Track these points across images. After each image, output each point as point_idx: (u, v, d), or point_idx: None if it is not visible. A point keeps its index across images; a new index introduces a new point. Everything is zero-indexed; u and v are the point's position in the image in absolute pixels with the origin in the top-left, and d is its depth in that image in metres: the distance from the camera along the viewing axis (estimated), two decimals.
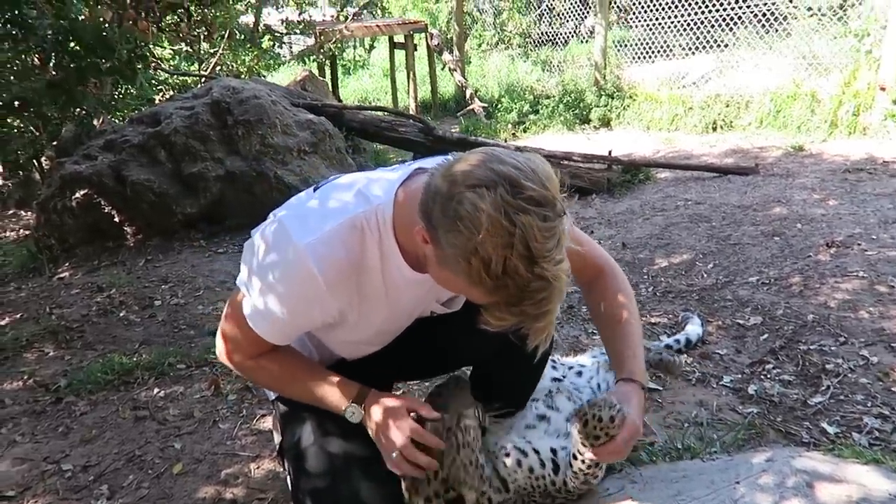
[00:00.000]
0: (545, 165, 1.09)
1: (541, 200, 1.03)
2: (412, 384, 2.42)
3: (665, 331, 2.74)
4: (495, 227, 1.01)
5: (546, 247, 1.03)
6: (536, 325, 1.12)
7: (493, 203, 1.01)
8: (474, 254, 1.03)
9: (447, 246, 1.08)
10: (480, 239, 1.01)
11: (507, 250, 1.01)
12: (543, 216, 1.03)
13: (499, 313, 1.10)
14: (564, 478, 1.54)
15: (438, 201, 1.08)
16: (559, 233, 1.05)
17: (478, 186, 1.03)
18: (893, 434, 1.90)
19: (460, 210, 1.04)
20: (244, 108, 4.76)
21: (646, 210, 4.61)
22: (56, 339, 3.14)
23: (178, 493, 1.94)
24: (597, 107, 7.78)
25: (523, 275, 1.03)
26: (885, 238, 3.37)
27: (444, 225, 1.07)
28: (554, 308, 1.11)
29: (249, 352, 1.44)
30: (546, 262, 1.03)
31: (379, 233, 1.29)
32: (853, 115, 5.81)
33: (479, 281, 1.06)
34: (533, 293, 1.05)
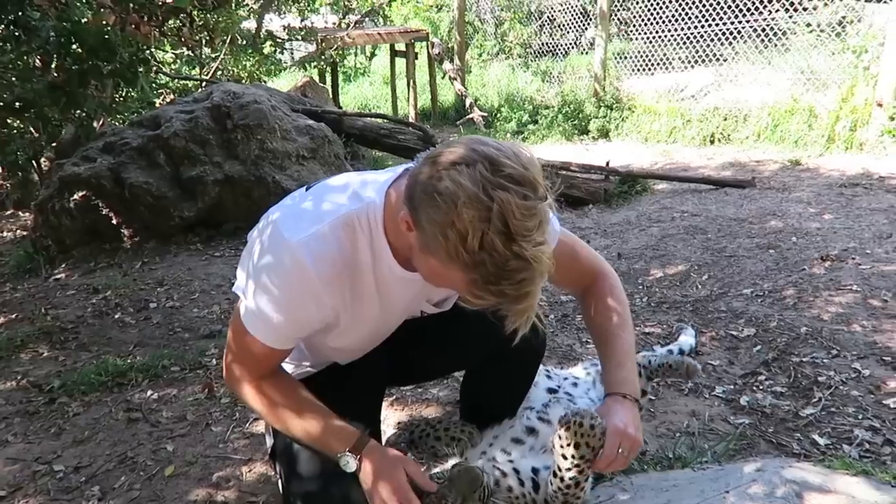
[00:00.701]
0: (528, 152, 1.11)
1: (520, 180, 1.04)
2: (405, 390, 2.42)
3: (659, 341, 2.75)
4: (472, 200, 1.02)
5: (525, 225, 1.03)
6: (516, 306, 1.12)
7: (471, 178, 1.03)
8: (451, 227, 1.04)
9: (426, 223, 1.09)
10: (458, 212, 1.03)
11: (484, 224, 1.02)
12: (523, 195, 1.03)
13: (477, 291, 1.10)
14: (545, 496, 1.51)
15: (420, 181, 1.10)
16: (540, 215, 1.06)
17: (458, 164, 1.06)
18: (884, 447, 1.91)
19: (439, 186, 1.05)
20: (244, 112, 4.77)
21: (642, 221, 4.63)
22: (50, 340, 3.14)
23: (170, 496, 1.94)
24: (596, 118, 7.82)
25: (501, 251, 1.03)
26: (880, 253, 3.38)
27: (424, 202, 1.08)
28: (534, 290, 1.10)
29: (251, 367, 1.41)
30: (525, 241, 1.03)
31: (370, 232, 1.30)
32: (850, 131, 5.85)
33: (456, 256, 1.06)
34: (512, 272, 1.05)
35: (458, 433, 1.89)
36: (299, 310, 1.32)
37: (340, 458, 1.36)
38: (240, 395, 1.46)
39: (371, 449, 1.38)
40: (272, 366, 1.45)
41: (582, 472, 1.45)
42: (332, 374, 1.65)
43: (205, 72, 7.77)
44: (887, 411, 2.07)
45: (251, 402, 1.44)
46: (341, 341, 1.52)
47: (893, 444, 1.91)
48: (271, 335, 1.35)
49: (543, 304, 3.24)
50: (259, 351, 1.37)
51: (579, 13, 8.98)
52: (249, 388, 1.42)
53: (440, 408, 2.32)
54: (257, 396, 1.42)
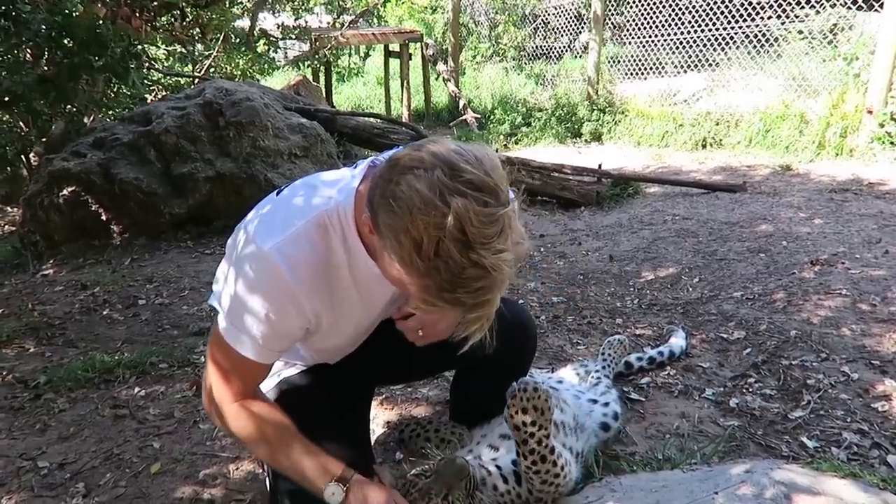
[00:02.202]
0: (492, 156, 1.07)
1: (480, 185, 1.01)
2: (395, 389, 2.41)
3: (649, 342, 2.75)
4: (427, 206, 0.99)
5: (484, 232, 0.99)
6: (470, 315, 1.08)
7: (427, 183, 1.00)
8: (405, 233, 1.01)
9: (384, 228, 1.05)
10: (412, 218, 0.99)
11: (439, 231, 0.98)
12: (483, 201, 1.00)
13: (429, 297, 1.05)
14: (528, 487, 1.51)
15: (379, 185, 1.08)
16: (502, 221, 1.02)
17: (416, 168, 1.02)
18: (872, 449, 1.91)
19: (396, 191, 1.02)
20: (236, 109, 4.76)
21: (634, 224, 4.64)
22: (37, 336, 3.11)
23: (156, 493, 1.92)
24: (588, 121, 7.84)
25: (457, 259, 0.99)
26: (869, 257, 3.40)
27: (381, 206, 1.05)
28: (493, 299, 1.07)
29: (234, 386, 1.35)
30: (483, 250, 1.00)
31: (342, 229, 1.28)
32: (840, 137, 5.88)
33: (410, 262, 1.02)
34: (468, 281, 1.02)
35: (447, 435, 1.90)
36: (280, 318, 1.28)
37: (327, 488, 1.30)
38: (221, 419, 1.38)
39: (359, 479, 1.34)
40: (255, 382, 1.42)
41: (541, 443, 1.45)
42: (321, 374, 1.64)
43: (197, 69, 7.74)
44: (875, 414, 2.08)
45: (234, 424, 1.36)
46: (326, 342, 1.51)
47: (881, 447, 1.91)
48: (254, 347, 1.30)
49: (534, 306, 3.23)
50: (242, 366, 1.33)
51: (573, 17, 9.01)
52: (232, 409, 1.36)
53: (430, 407, 2.31)
54: (239, 418, 1.36)
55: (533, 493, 1.52)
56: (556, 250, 4.24)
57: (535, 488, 1.51)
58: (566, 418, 1.78)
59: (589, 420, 1.93)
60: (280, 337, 1.32)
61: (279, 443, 1.35)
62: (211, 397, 1.38)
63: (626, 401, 2.24)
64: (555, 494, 1.54)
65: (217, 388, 1.36)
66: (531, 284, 3.56)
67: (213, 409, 1.39)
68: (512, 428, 1.47)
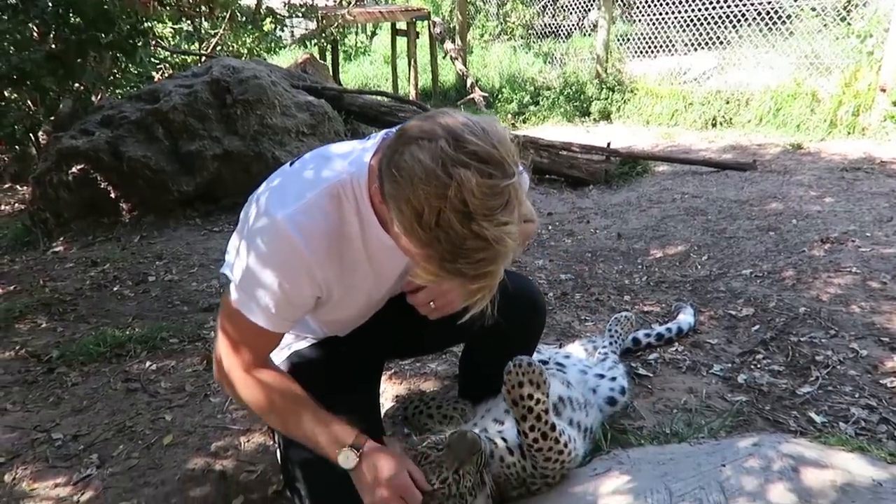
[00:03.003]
0: (501, 129, 1.06)
1: (485, 157, 1.00)
2: (404, 363, 2.42)
3: (658, 319, 2.75)
4: (429, 176, 0.98)
5: (486, 204, 0.99)
6: (471, 286, 1.08)
7: (431, 154, 1.00)
8: (407, 202, 1.01)
9: (388, 198, 1.06)
10: (413, 188, 0.99)
11: (440, 202, 0.98)
12: (488, 173, 0.99)
13: (431, 267, 1.05)
14: (532, 463, 1.51)
15: (386, 155, 1.08)
16: (507, 194, 1.01)
17: (421, 139, 1.02)
18: (880, 424, 1.91)
19: (399, 161, 1.03)
20: (244, 87, 4.74)
21: (642, 202, 4.62)
22: (49, 312, 3.14)
23: (168, 464, 1.95)
24: (597, 100, 7.78)
25: (458, 230, 0.99)
26: (880, 236, 3.38)
27: (387, 176, 1.06)
28: (495, 271, 1.06)
29: (244, 355, 1.36)
30: (486, 221, 0.99)
31: (355, 200, 1.28)
32: (853, 115, 5.82)
33: (411, 230, 1.02)
34: (470, 252, 1.01)
35: (450, 411, 1.90)
36: (293, 286, 1.28)
37: (340, 454, 1.31)
38: (232, 388, 1.39)
39: (373, 446, 1.35)
40: (266, 352, 1.42)
41: (540, 419, 1.45)
42: (331, 347, 1.64)
43: (203, 47, 7.70)
44: (884, 390, 2.08)
45: (244, 393, 1.37)
46: (337, 314, 1.51)
47: (889, 423, 1.92)
48: (266, 316, 1.30)
49: (543, 284, 3.24)
50: (253, 334, 1.33)
51: None
52: (242, 377, 1.36)
53: (438, 382, 2.32)
54: (250, 387, 1.36)
55: (537, 468, 1.51)
56: (565, 228, 4.23)
57: (538, 465, 1.51)
58: (573, 394, 1.79)
59: (595, 395, 1.94)
60: (292, 306, 1.32)
61: (291, 410, 1.36)
62: (222, 367, 1.39)
63: (633, 376, 2.25)
64: (561, 471, 1.54)
65: (228, 358, 1.37)
66: (539, 262, 3.56)
67: (224, 379, 1.40)
68: (510, 403, 1.47)
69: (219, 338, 1.39)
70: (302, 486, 1.48)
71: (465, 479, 1.41)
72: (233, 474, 1.89)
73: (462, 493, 1.40)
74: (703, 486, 1.43)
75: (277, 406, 1.37)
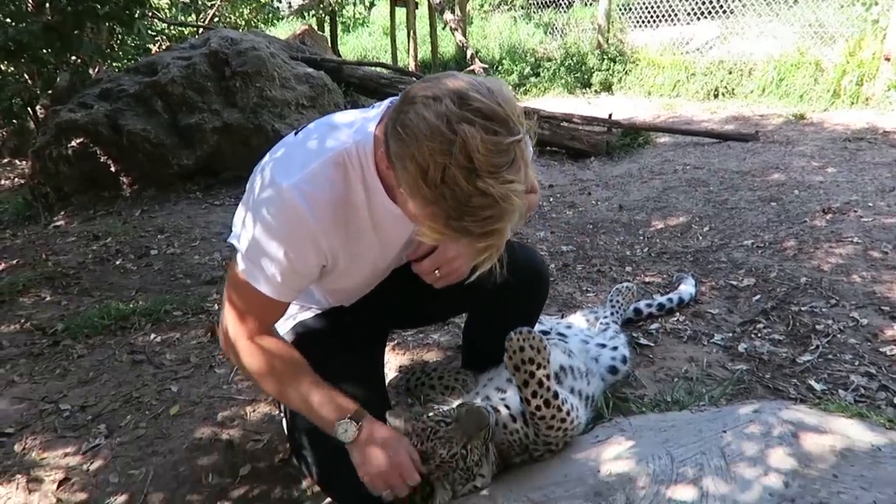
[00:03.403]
0: (506, 89, 1.06)
1: (489, 114, 1.00)
2: (407, 333, 2.44)
3: (659, 290, 2.76)
4: (434, 133, 0.99)
5: (492, 161, 0.99)
6: (478, 244, 1.08)
7: (435, 112, 1.00)
8: (412, 159, 1.01)
9: (394, 158, 1.06)
10: (419, 144, 1.00)
11: (445, 158, 0.98)
12: (492, 130, 0.99)
13: (436, 225, 1.05)
14: (535, 431, 1.53)
15: (391, 117, 1.08)
16: (513, 152, 1.01)
17: (426, 98, 1.02)
18: (879, 392, 1.93)
19: (405, 119, 1.03)
20: (242, 59, 4.70)
21: (644, 173, 4.61)
22: (52, 285, 3.15)
23: (176, 433, 1.97)
24: (598, 71, 7.71)
25: (463, 187, 0.99)
26: (882, 206, 3.38)
27: (392, 135, 1.06)
28: (501, 229, 1.05)
29: (249, 323, 1.36)
30: (491, 178, 0.99)
31: (361, 168, 1.27)
32: (856, 85, 5.78)
33: (417, 188, 1.02)
34: (475, 209, 1.01)
35: (451, 381, 1.92)
36: (298, 255, 1.29)
37: (339, 425, 1.31)
38: (236, 356, 1.39)
39: (371, 421, 1.36)
40: (271, 322, 1.43)
41: (542, 385, 1.46)
42: (336, 317, 1.65)
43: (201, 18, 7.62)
44: (883, 358, 2.10)
45: (246, 361, 1.38)
46: (342, 283, 1.51)
47: (888, 390, 1.94)
48: (272, 285, 1.30)
49: (544, 255, 3.24)
50: (259, 303, 1.33)
51: None
52: (246, 346, 1.37)
53: (441, 352, 2.34)
54: (253, 355, 1.37)
55: (540, 436, 1.53)
56: (566, 200, 4.23)
57: (541, 433, 1.52)
58: (575, 363, 1.80)
59: (597, 364, 1.96)
60: (298, 275, 1.33)
61: (290, 378, 1.37)
62: (227, 337, 1.40)
63: (635, 346, 2.27)
64: (564, 439, 1.56)
65: (234, 328, 1.38)
66: (541, 234, 3.57)
67: (230, 348, 1.41)
68: (512, 370, 1.48)
69: (225, 308, 1.40)
70: (309, 453, 1.50)
71: (473, 453, 1.43)
72: (239, 443, 1.91)
73: (469, 467, 1.42)
74: (705, 452, 1.45)
75: (279, 375, 1.37)
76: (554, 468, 1.52)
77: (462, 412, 1.44)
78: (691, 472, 1.37)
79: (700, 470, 1.38)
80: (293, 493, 1.75)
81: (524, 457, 1.57)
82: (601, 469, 1.45)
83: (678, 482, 1.35)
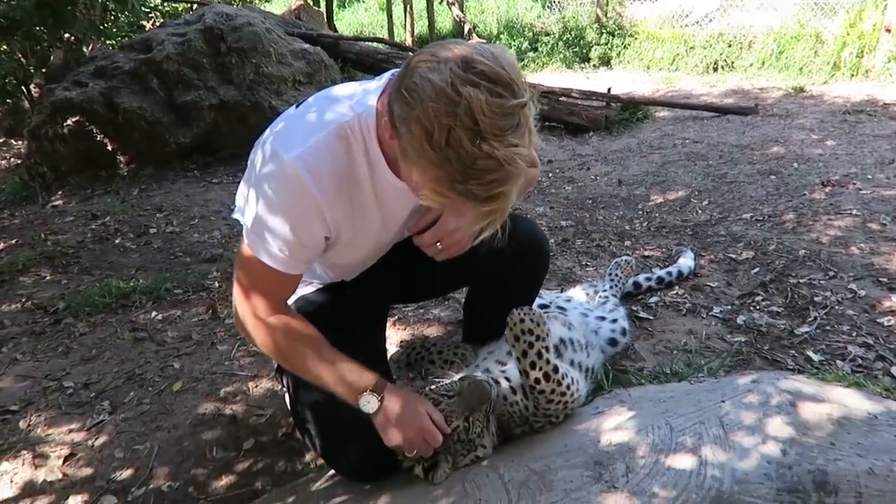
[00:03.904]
0: (510, 55, 1.06)
1: (494, 78, 1.00)
2: (407, 308, 2.45)
3: (658, 264, 2.77)
4: (439, 95, 0.98)
5: (496, 124, 0.99)
6: (483, 208, 1.07)
7: (440, 75, 1.00)
8: (417, 121, 1.00)
9: (398, 122, 1.06)
10: (424, 107, 0.99)
11: (450, 119, 0.98)
12: (497, 93, 0.99)
13: (440, 188, 1.05)
14: (535, 404, 1.54)
15: (395, 84, 1.08)
16: (518, 116, 1.01)
17: (430, 62, 1.02)
18: (876, 362, 1.95)
19: (409, 83, 1.03)
20: (238, 35, 4.65)
21: (643, 148, 4.59)
22: (52, 264, 3.16)
23: (179, 409, 1.99)
24: (597, 45, 7.65)
25: (468, 149, 0.99)
26: (881, 178, 3.38)
27: (396, 100, 1.06)
28: (506, 192, 1.05)
29: (261, 300, 1.36)
30: (496, 141, 0.99)
31: (364, 141, 1.27)
32: (857, 57, 5.74)
33: (422, 151, 1.02)
34: (481, 172, 1.01)
35: (450, 356, 1.93)
36: (304, 227, 1.29)
37: (361, 398, 1.33)
38: (250, 332, 1.40)
39: (393, 389, 1.37)
40: (282, 296, 1.43)
41: (541, 356, 1.47)
42: (338, 292, 1.66)
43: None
44: (881, 329, 2.11)
45: (262, 337, 1.38)
46: (344, 257, 1.52)
47: (885, 359, 1.95)
48: (279, 258, 1.30)
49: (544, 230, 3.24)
50: (269, 278, 1.33)
51: None
52: (260, 323, 1.37)
53: (442, 327, 2.35)
54: (268, 334, 1.37)
55: (540, 409, 1.54)
56: (565, 175, 4.22)
57: (541, 406, 1.53)
58: (574, 335, 1.81)
59: (597, 336, 1.97)
60: (305, 247, 1.33)
61: (309, 355, 1.37)
62: (239, 313, 1.40)
63: (634, 319, 2.28)
64: (564, 412, 1.57)
65: (243, 305, 1.38)
66: (540, 209, 3.57)
67: (241, 326, 1.41)
68: (512, 340, 1.49)
69: (235, 285, 1.39)
70: (312, 426, 1.51)
71: (475, 426, 1.44)
72: (243, 418, 1.93)
73: (471, 439, 1.44)
74: (703, 422, 1.47)
75: (295, 351, 1.38)
76: (555, 439, 1.54)
77: (464, 386, 1.46)
78: (690, 442, 1.39)
79: (699, 439, 1.39)
80: (297, 465, 1.77)
81: (525, 428, 1.58)
82: (601, 439, 1.47)
83: (677, 451, 1.37)
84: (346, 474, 1.55)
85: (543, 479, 1.37)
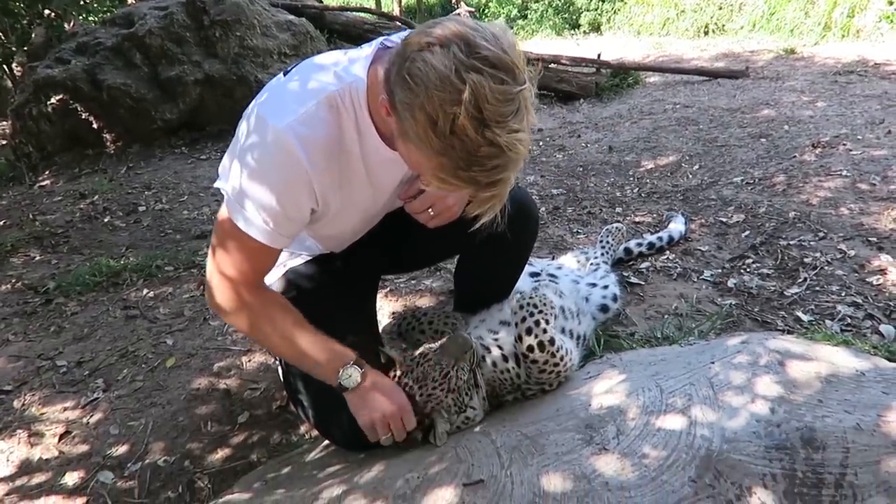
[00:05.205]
0: (509, 35, 1.04)
1: (497, 63, 0.98)
2: (399, 279, 2.45)
3: (649, 229, 2.77)
4: (443, 82, 0.97)
5: (500, 111, 0.98)
6: (483, 193, 1.08)
7: (444, 60, 0.98)
8: (421, 109, 0.99)
9: (399, 107, 1.04)
10: (428, 95, 0.98)
11: (455, 108, 0.97)
12: (500, 79, 0.98)
13: (444, 175, 1.05)
14: (527, 373, 1.55)
15: (396, 64, 1.06)
16: (518, 101, 1.00)
17: (432, 45, 1.00)
18: (865, 320, 1.96)
19: (412, 68, 1.01)
20: (221, 7, 4.58)
21: (633, 114, 4.57)
22: (41, 245, 3.14)
23: (173, 385, 1.99)
24: (587, 10, 7.57)
25: (472, 137, 0.98)
26: (871, 138, 3.37)
27: (398, 85, 1.04)
28: (507, 178, 1.06)
29: (238, 274, 1.32)
30: (499, 128, 0.99)
31: (354, 111, 1.25)
32: (847, 17, 5.70)
33: (426, 139, 1.01)
34: (483, 159, 1.01)
35: (441, 325, 1.94)
36: (290, 199, 1.26)
37: (343, 371, 1.33)
38: (225, 309, 1.35)
39: (370, 368, 1.38)
40: (262, 271, 1.40)
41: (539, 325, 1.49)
42: (327, 263, 1.65)
43: None
44: (870, 288, 2.12)
45: (237, 314, 1.35)
46: (333, 228, 1.50)
47: (874, 318, 1.97)
48: (264, 230, 1.27)
49: (534, 199, 3.23)
50: (250, 252, 1.30)
51: None
52: (234, 300, 1.33)
53: (433, 297, 2.36)
54: (243, 309, 1.34)
55: (532, 378, 1.55)
56: (556, 143, 4.20)
57: (533, 376, 1.54)
58: (566, 303, 1.82)
59: (588, 303, 1.98)
60: (290, 220, 1.30)
61: (287, 333, 1.36)
62: (213, 289, 1.36)
63: (625, 285, 2.28)
64: (558, 380, 1.58)
65: (221, 278, 1.34)
66: (531, 178, 3.55)
67: (217, 306, 1.38)
68: (516, 307, 1.50)
69: (211, 262, 1.35)
70: (305, 398, 1.52)
71: (461, 375, 1.46)
72: (237, 392, 1.94)
73: (460, 388, 1.45)
74: (693, 383, 1.48)
75: (273, 329, 1.36)
76: (546, 404, 1.55)
77: (446, 340, 1.49)
78: (680, 403, 1.40)
79: (689, 400, 1.40)
80: (291, 437, 1.78)
81: (516, 395, 1.59)
82: (592, 403, 1.48)
83: (667, 412, 1.38)
84: (340, 443, 1.55)
85: (535, 443, 1.38)
